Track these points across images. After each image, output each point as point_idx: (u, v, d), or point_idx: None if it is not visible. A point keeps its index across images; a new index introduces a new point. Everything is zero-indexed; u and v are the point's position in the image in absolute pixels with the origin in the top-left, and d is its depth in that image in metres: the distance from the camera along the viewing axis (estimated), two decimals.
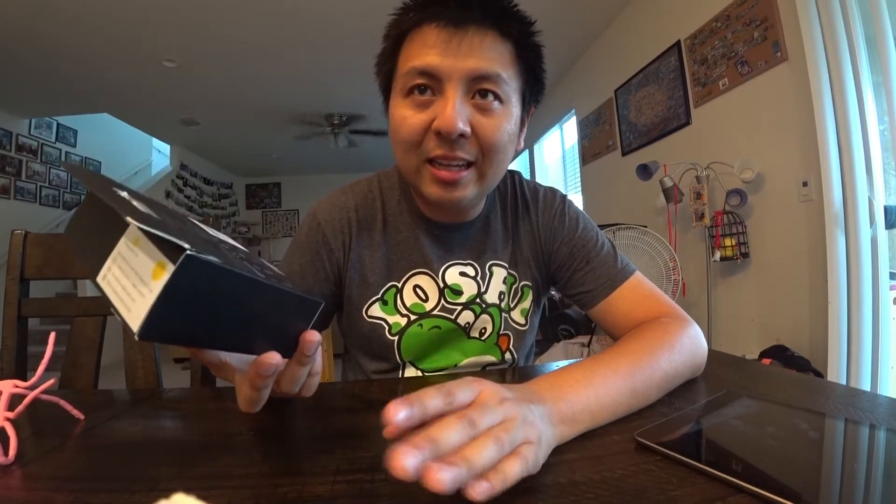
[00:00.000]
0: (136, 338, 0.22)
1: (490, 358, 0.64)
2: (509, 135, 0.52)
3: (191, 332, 0.24)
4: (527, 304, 0.66)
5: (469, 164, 0.52)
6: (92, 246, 0.26)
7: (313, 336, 0.30)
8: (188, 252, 0.21)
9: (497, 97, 0.50)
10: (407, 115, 0.51)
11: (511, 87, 0.51)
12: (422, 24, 0.49)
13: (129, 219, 0.21)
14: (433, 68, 0.48)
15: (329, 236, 0.61)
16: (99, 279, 0.25)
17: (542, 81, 0.56)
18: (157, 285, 0.21)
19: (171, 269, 0.21)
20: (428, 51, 0.48)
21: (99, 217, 0.27)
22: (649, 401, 0.40)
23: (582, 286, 0.61)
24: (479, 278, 0.63)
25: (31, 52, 3.04)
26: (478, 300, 0.62)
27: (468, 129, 0.49)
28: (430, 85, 0.49)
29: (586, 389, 0.35)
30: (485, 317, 0.62)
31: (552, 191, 0.68)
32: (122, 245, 0.24)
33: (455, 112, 0.47)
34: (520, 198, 0.66)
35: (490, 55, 0.49)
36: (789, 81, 1.73)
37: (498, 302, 0.63)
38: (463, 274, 0.62)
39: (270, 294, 0.27)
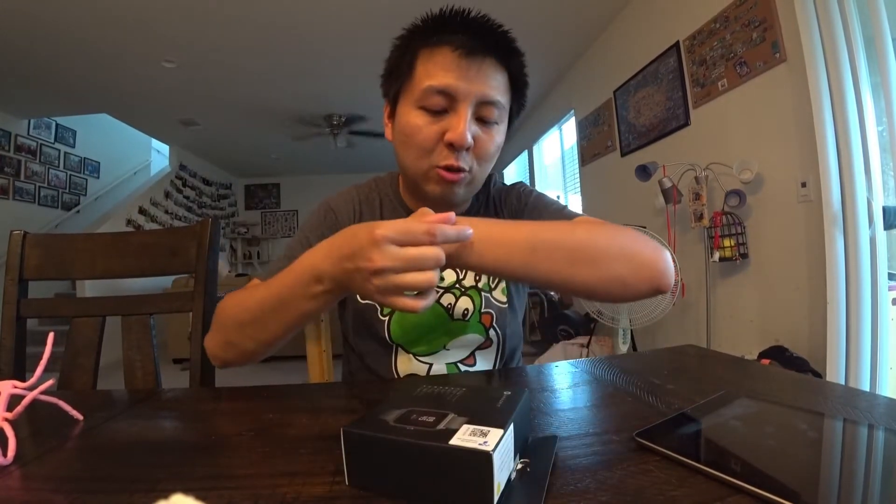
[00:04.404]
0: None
1: (476, 336, 0.69)
2: (497, 147, 0.62)
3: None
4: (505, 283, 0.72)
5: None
6: None
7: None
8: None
9: (495, 120, 0.60)
10: (421, 125, 0.58)
11: (505, 111, 0.61)
12: (440, 45, 0.57)
13: None
14: (451, 89, 0.56)
15: (340, 217, 0.69)
16: None
17: (524, 106, 0.68)
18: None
19: None
20: (446, 73, 0.56)
21: None
22: (557, 256, 0.46)
23: None
24: (456, 269, 0.69)
25: (31, 53, 3.04)
26: (457, 285, 0.69)
27: (473, 143, 0.58)
28: (443, 103, 0.57)
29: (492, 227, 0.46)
30: (465, 298, 0.69)
31: (514, 183, 0.78)
32: None
33: (467, 129, 0.56)
34: (493, 194, 0.75)
35: (494, 83, 0.58)
36: (788, 82, 1.74)
37: (476, 284, 0.70)
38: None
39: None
